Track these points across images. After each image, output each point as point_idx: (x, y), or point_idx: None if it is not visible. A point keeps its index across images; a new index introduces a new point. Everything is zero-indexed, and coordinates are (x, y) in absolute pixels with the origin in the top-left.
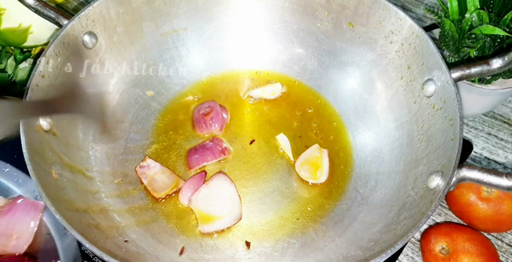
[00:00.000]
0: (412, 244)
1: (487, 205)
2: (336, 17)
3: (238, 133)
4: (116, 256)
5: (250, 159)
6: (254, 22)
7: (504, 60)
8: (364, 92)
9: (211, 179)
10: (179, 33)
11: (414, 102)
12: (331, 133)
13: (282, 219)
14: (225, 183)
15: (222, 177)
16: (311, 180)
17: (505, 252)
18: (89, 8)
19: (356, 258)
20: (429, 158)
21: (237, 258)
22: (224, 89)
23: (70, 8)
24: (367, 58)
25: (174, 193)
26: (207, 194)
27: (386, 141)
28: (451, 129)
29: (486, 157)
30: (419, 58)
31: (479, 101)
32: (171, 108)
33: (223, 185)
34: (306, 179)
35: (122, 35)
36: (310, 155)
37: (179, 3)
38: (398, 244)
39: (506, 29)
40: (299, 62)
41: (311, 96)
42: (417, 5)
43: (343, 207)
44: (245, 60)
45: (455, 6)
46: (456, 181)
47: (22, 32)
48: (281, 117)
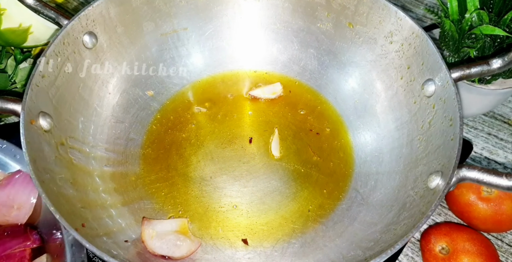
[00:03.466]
0: (412, 244)
1: (487, 205)
2: (336, 17)
3: (238, 133)
4: (116, 256)
5: (250, 159)
6: (254, 22)
7: (504, 60)
8: (364, 92)
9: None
10: (179, 33)
11: (414, 102)
12: (331, 133)
13: (282, 219)
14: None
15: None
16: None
17: (505, 252)
18: (89, 8)
19: (356, 258)
20: (429, 158)
21: (237, 258)
22: (224, 89)
23: (70, 8)
24: (367, 58)
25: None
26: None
27: (386, 140)
28: (451, 130)
29: (486, 157)
30: (419, 58)
31: (479, 101)
32: (171, 108)
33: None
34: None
35: (122, 35)
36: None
37: (179, 3)
38: (398, 244)
39: (506, 29)
40: (299, 62)
41: (311, 96)
42: (417, 5)
43: (343, 207)
44: (245, 60)
45: (455, 6)
46: (456, 181)
47: (22, 32)
48: (281, 118)
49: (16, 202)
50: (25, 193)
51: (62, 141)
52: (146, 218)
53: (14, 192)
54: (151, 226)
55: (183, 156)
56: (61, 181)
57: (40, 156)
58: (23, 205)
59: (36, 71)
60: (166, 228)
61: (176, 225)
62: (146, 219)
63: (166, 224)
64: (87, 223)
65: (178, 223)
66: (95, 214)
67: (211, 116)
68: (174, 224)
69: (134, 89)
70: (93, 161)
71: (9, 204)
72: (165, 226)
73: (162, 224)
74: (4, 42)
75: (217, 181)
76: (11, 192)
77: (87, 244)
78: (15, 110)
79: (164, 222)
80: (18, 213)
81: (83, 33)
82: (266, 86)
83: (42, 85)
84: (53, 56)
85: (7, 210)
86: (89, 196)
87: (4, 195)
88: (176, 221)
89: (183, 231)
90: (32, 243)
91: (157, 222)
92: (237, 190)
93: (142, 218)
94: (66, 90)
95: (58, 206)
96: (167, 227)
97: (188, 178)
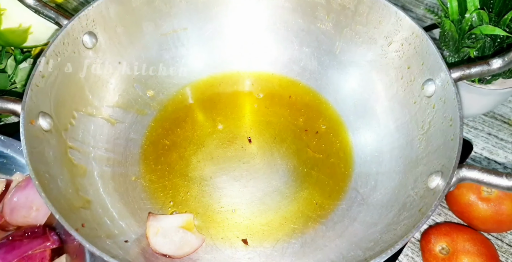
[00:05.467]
0: (412, 244)
1: (487, 205)
2: (336, 17)
3: (238, 133)
4: (116, 256)
5: (250, 159)
6: (254, 22)
7: (504, 60)
8: (364, 92)
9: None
10: (179, 33)
11: (414, 102)
12: (331, 133)
13: (282, 219)
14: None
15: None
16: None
17: (505, 252)
18: (89, 8)
19: (356, 258)
20: (429, 158)
21: (237, 258)
22: (224, 89)
23: (70, 8)
24: (367, 58)
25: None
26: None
27: (386, 140)
28: (451, 130)
29: (486, 157)
30: (419, 58)
31: (479, 101)
32: (171, 108)
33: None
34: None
35: (122, 35)
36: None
37: (179, 3)
38: (398, 244)
39: (506, 29)
40: (299, 62)
41: (311, 96)
42: (417, 5)
43: (343, 207)
44: (245, 60)
45: (455, 6)
46: (456, 181)
47: (22, 32)
48: (281, 118)
49: (35, 203)
50: None
51: (62, 141)
52: (152, 214)
53: (33, 193)
54: (156, 222)
55: (183, 156)
56: (61, 181)
57: (40, 156)
58: (42, 206)
59: (36, 71)
60: (171, 223)
61: (182, 220)
62: (151, 214)
63: (172, 219)
64: (87, 223)
65: (184, 218)
66: (95, 214)
67: (211, 116)
68: (180, 219)
69: (134, 89)
70: (93, 161)
71: (28, 205)
72: (171, 222)
73: (168, 219)
74: (4, 42)
75: (217, 181)
76: (29, 193)
77: (87, 244)
78: (15, 110)
79: (169, 217)
80: (37, 214)
81: (83, 33)
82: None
83: (42, 85)
84: (53, 56)
85: (27, 211)
86: (89, 196)
87: (23, 196)
88: (182, 216)
89: (188, 227)
90: (52, 243)
91: (163, 217)
92: (237, 190)
93: (148, 213)
94: (66, 90)
95: (58, 206)
96: (172, 223)
97: (188, 178)
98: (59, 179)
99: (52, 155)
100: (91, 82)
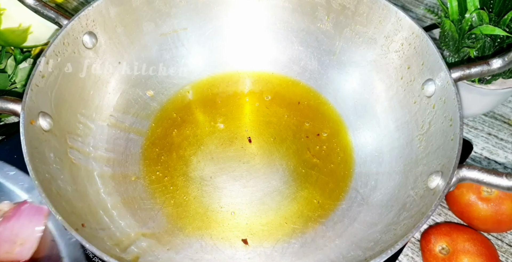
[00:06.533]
0: (412, 244)
1: (487, 205)
2: (336, 17)
3: (238, 133)
4: (116, 256)
5: (250, 159)
6: (254, 22)
7: (504, 60)
8: (364, 92)
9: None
10: (179, 33)
11: (414, 102)
12: (331, 133)
13: (282, 219)
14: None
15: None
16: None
17: (505, 252)
18: (89, 8)
19: (356, 258)
20: (429, 158)
21: (237, 258)
22: (224, 89)
23: (70, 8)
24: (367, 58)
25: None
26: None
27: (386, 141)
28: (451, 130)
29: (486, 157)
30: (419, 58)
31: (479, 101)
32: (171, 108)
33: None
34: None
35: (122, 35)
36: None
37: (179, 3)
38: (398, 244)
39: (506, 29)
40: (299, 62)
41: (311, 96)
42: (417, 5)
43: (343, 207)
44: (245, 60)
45: (455, 6)
46: (456, 181)
47: (22, 32)
48: (281, 118)
49: (20, 237)
50: (29, 227)
51: (62, 141)
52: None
53: (18, 226)
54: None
55: (183, 156)
56: (61, 181)
57: (40, 156)
58: (28, 240)
59: (36, 71)
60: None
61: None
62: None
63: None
64: (87, 223)
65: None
66: (95, 214)
67: (211, 116)
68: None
69: (134, 89)
70: (93, 161)
71: (12, 239)
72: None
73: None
74: (4, 42)
75: (217, 181)
76: (15, 226)
77: (87, 244)
78: (15, 110)
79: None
80: (21, 249)
81: (83, 33)
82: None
83: (42, 85)
84: (53, 56)
85: (10, 246)
86: (89, 196)
87: (8, 229)
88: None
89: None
90: None
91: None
92: (237, 190)
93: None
94: (66, 90)
95: (58, 206)
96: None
97: (188, 178)
98: (59, 179)
99: (52, 155)
100: (91, 82)
